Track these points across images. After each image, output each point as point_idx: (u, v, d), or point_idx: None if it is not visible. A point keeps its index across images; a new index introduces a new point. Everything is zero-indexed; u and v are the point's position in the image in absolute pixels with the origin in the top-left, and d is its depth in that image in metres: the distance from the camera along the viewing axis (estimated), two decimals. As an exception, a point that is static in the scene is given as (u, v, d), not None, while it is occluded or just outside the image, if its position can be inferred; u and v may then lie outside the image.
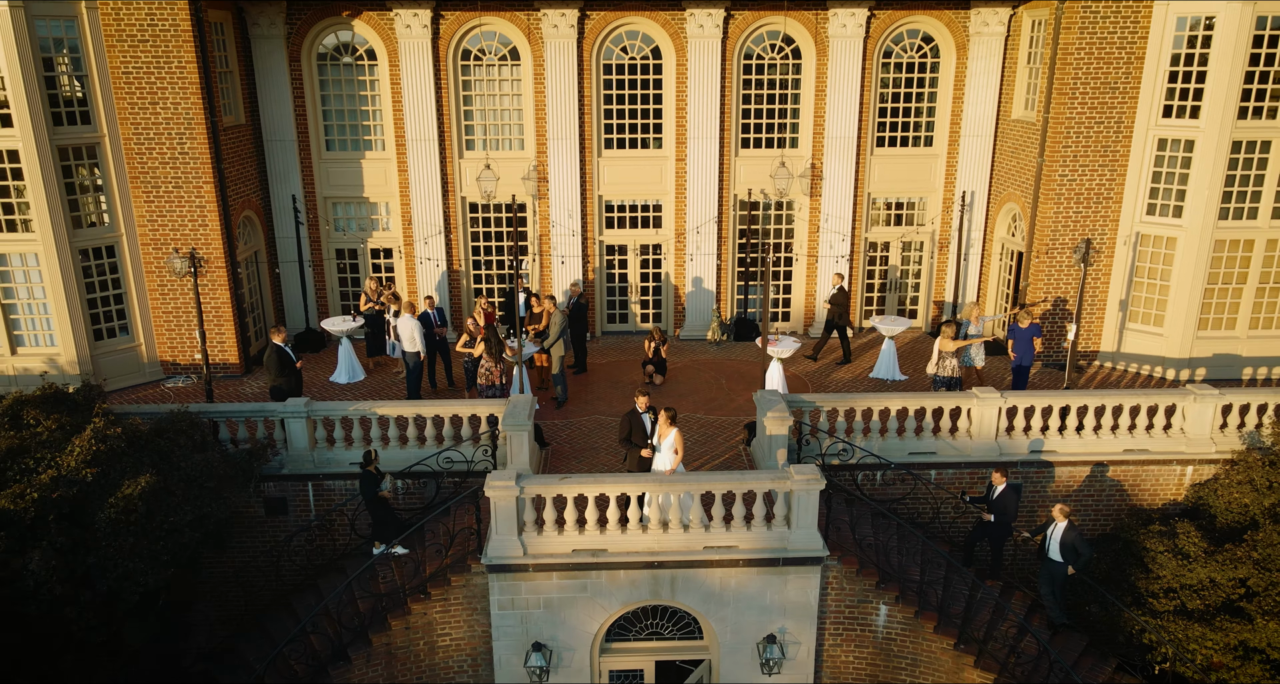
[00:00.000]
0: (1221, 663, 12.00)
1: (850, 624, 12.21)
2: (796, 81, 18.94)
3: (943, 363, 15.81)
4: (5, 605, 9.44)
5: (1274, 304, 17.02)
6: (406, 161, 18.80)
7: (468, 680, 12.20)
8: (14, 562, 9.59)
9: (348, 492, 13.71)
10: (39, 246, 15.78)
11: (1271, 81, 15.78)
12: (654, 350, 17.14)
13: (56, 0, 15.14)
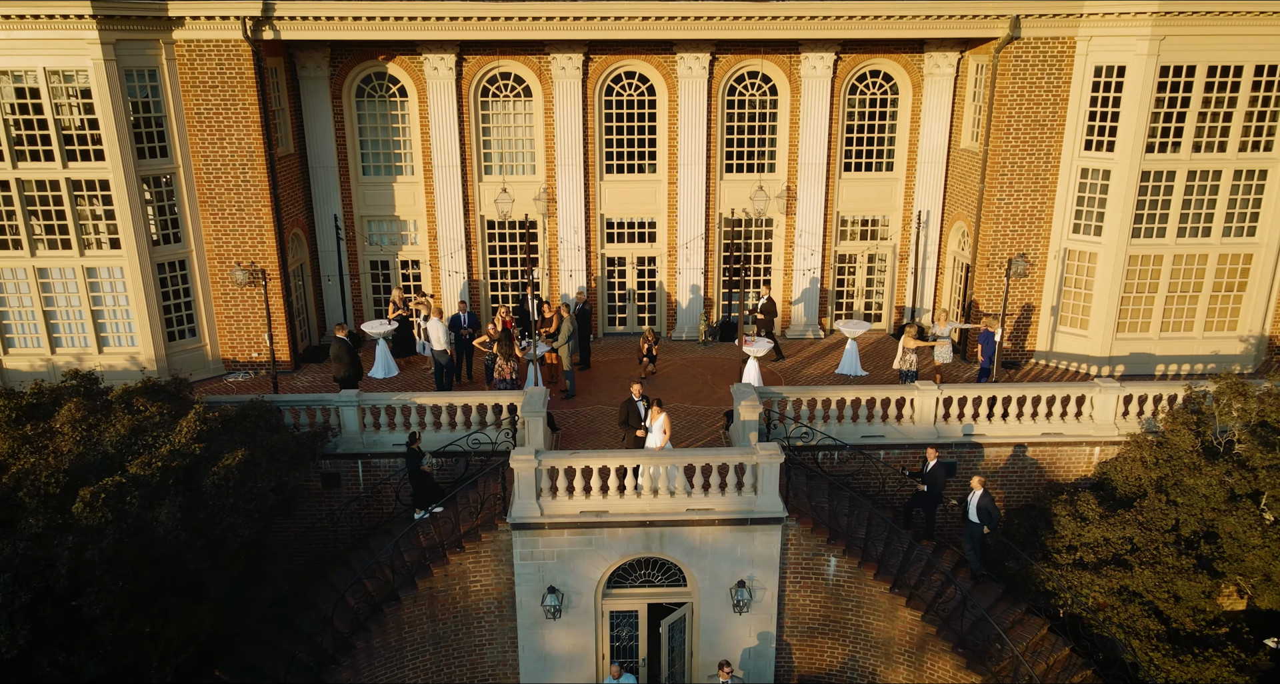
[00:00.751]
0: (1106, 603, 14.74)
1: (806, 573, 14.95)
2: (773, 115, 21.67)
3: (905, 358, 18.61)
4: (142, 548, 12.17)
5: (1180, 310, 19.75)
6: (433, 184, 21.54)
7: (494, 619, 14.95)
8: (146, 514, 12.32)
9: (391, 468, 16.44)
10: (124, 261, 18.53)
11: (1174, 121, 18.51)
12: (647, 350, 19.89)
13: (142, 54, 17.87)
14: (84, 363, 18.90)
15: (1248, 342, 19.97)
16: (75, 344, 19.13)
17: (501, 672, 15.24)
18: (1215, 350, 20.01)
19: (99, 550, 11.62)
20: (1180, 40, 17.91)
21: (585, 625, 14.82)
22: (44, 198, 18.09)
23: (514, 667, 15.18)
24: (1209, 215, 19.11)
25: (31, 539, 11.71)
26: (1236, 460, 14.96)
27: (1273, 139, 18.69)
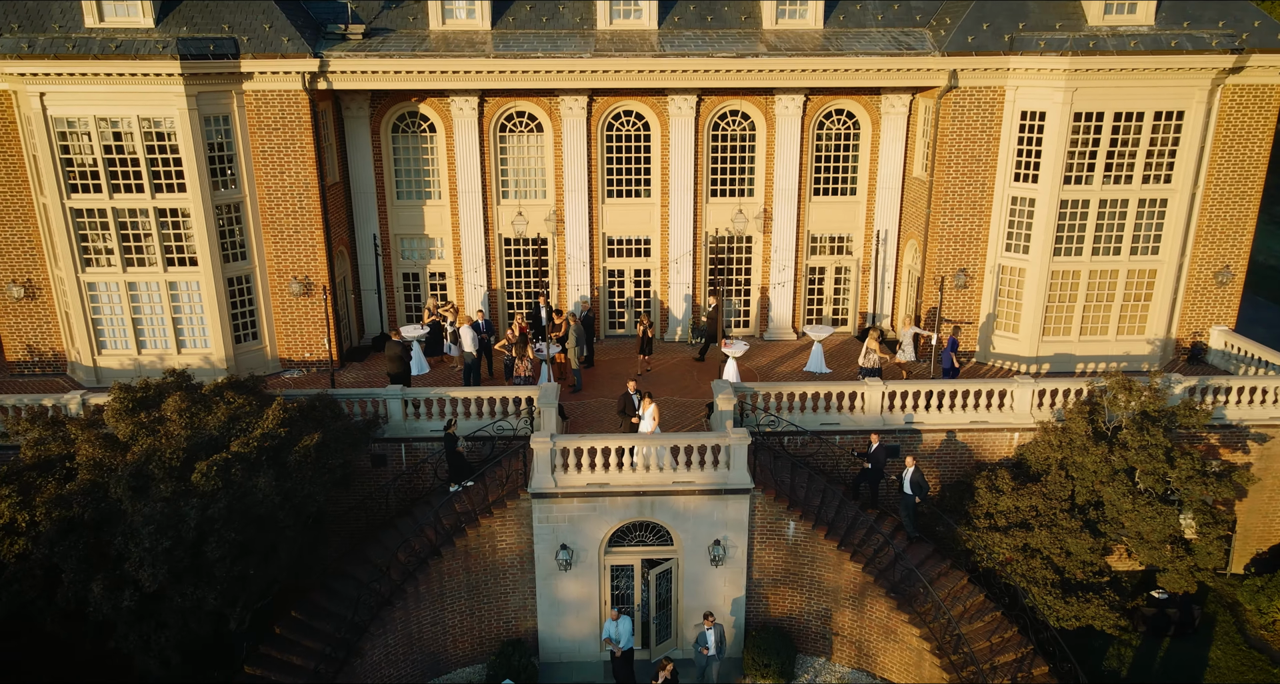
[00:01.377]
0: (1013, 558, 18.18)
1: (770, 534, 18.38)
2: (751, 147, 25.05)
3: (869, 357, 22.02)
4: (245, 509, 15.60)
5: (1097, 317, 23.16)
6: (458, 207, 24.93)
7: (516, 571, 18.39)
8: (248, 483, 15.74)
9: (429, 450, 19.86)
10: (200, 276, 21.95)
11: (1087, 157, 21.89)
12: (643, 332, 23.27)
13: (217, 103, 21.26)
14: (164, 362, 22.34)
15: (1154, 343, 23.39)
16: (157, 346, 22.57)
17: (522, 615, 18.69)
18: (1127, 351, 23.43)
19: (217, 509, 15.07)
20: (1090, 91, 21.29)
21: (590, 577, 18.26)
22: (134, 223, 21.51)
23: (533, 611, 18.63)
24: (1119, 237, 22.51)
25: (163, 501, 15.15)
26: (1119, 443, 18.37)
27: (1171, 172, 22.07)
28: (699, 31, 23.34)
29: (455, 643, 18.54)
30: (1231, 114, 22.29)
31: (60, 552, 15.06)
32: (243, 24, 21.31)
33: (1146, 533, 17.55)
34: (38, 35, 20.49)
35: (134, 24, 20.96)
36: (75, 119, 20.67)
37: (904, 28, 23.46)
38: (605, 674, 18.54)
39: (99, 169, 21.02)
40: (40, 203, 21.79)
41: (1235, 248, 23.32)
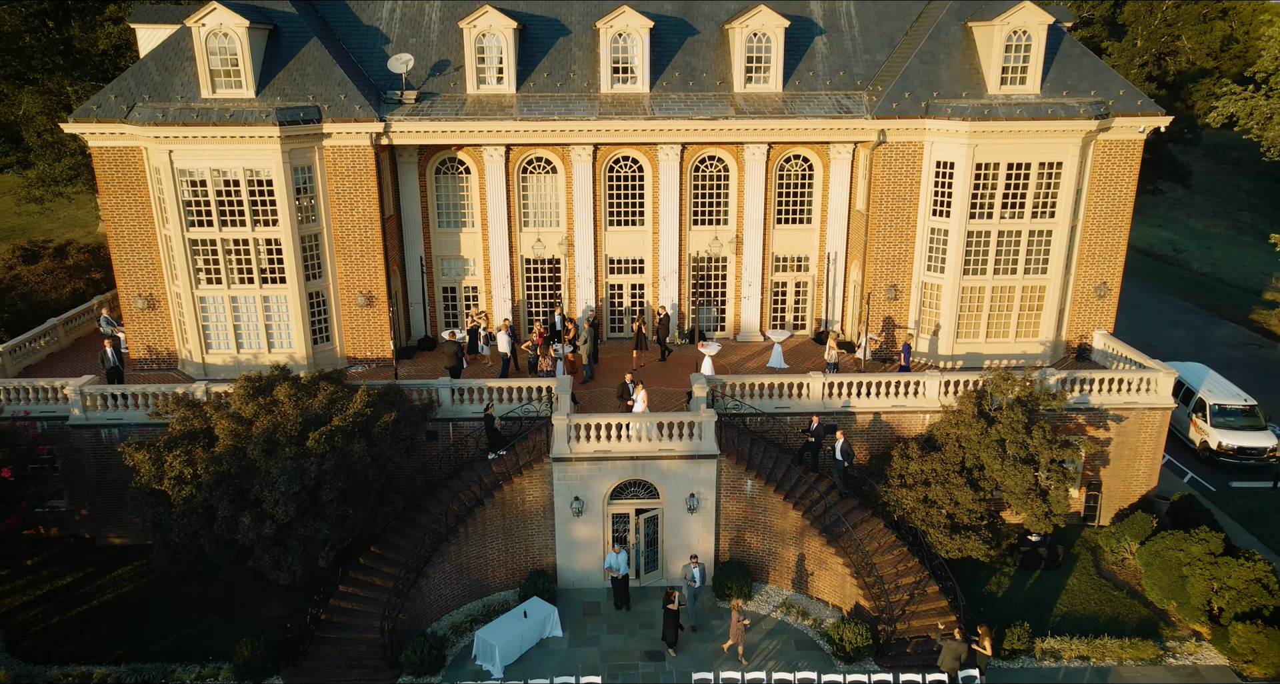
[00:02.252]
0: (915, 507, 24.04)
1: (732, 489, 24.21)
2: (725, 185, 30.87)
3: (829, 354, 27.87)
4: (346, 467, 21.45)
5: (999, 323, 28.99)
6: (488, 234, 30.77)
7: (540, 518, 24.23)
8: (347, 447, 21.58)
9: (471, 428, 25.67)
10: (288, 291, 27.79)
11: (987, 197, 27.70)
12: (637, 329, 29.11)
13: (303, 156, 27.12)
14: (258, 359, 28.19)
15: (1045, 344, 29.22)
16: (252, 347, 28.41)
17: (544, 551, 24.55)
18: (1024, 351, 29.27)
19: (328, 465, 20.95)
20: (987, 146, 27.12)
21: (596, 522, 24.12)
22: (239, 250, 27.37)
23: (552, 548, 24.48)
24: (1014, 260, 28.33)
25: (289, 459, 21.00)
26: (996, 421, 24.21)
27: (1054, 210, 27.87)
28: (683, 94, 29.20)
29: (494, 572, 24.43)
30: (1103, 162, 28.14)
31: (216, 496, 20.92)
32: (323, 94, 27.18)
33: (1012, 487, 23.40)
34: (168, 105, 26.34)
35: (240, 95, 26.84)
36: (195, 169, 26.52)
37: (847, 91, 29.32)
38: (606, 597, 24.40)
39: (211, 208, 26.87)
40: (163, 234, 27.64)
41: (1111, 267, 29.17)
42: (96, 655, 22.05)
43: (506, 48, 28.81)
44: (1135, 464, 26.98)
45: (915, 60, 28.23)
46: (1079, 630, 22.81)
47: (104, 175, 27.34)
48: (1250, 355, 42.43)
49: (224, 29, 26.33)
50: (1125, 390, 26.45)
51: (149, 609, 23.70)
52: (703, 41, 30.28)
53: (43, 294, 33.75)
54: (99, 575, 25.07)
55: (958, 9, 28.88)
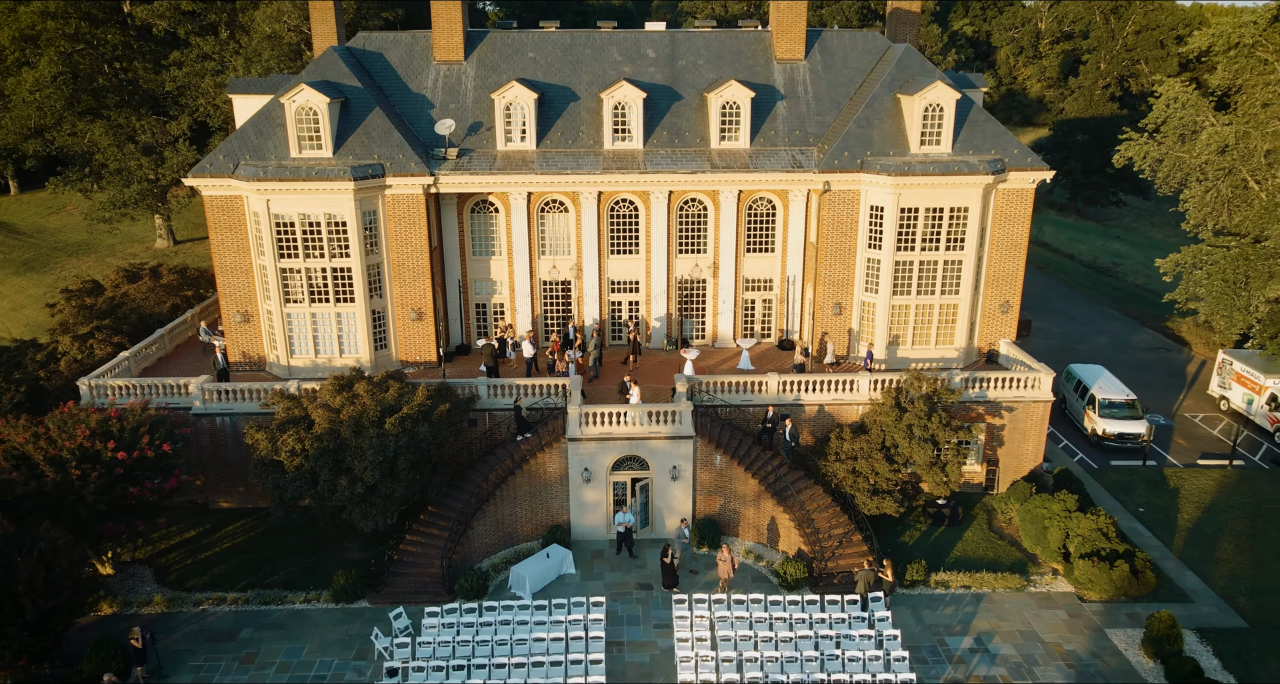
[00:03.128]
0: (846, 477, 31.35)
1: (706, 463, 31.51)
2: (705, 221, 38.13)
3: (796, 359, 35.17)
4: (414, 444, 28.73)
5: (921, 333, 36.24)
6: (512, 261, 38.02)
7: (557, 484, 31.51)
8: (414, 430, 28.88)
9: (503, 417, 32.96)
10: (356, 309, 35.09)
11: (910, 233, 34.94)
12: (633, 338, 36.42)
13: (370, 202, 34.41)
14: (331, 362, 35.48)
15: (960, 350, 36.47)
16: (327, 352, 35.68)
17: (561, 511, 31.83)
18: (942, 356, 36.53)
19: (402, 442, 28.25)
20: (909, 194, 34.38)
21: (601, 488, 31.41)
22: (318, 276, 34.62)
23: (567, 508, 31.75)
24: (932, 283, 35.58)
25: (373, 438, 28.28)
26: (907, 410, 31.46)
27: (964, 244, 35.10)
28: (670, 150, 36.51)
29: (521, 526, 31.73)
30: (1002, 206, 35.43)
31: (319, 465, 28.21)
32: (385, 153, 34.49)
33: (918, 461, 30.67)
34: (265, 163, 33.66)
35: (320, 155, 34.17)
36: (285, 213, 33.83)
37: (801, 147, 36.62)
38: (609, 546, 31.66)
39: (297, 243, 34.17)
40: (259, 264, 34.93)
41: (1011, 289, 36.44)
42: (225, 586, 29.37)
43: (528, 113, 36.11)
44: (1025, 445, 34.28)
45: (854, 124, 35.52)
46: (967, 568, 30.08)
47: (213, 217, 34.68)
48: (1158, 358, 49.70)
49: (309, 104, 33.66)
50: (1016, 387, 33.74)
51: (258, 554, 31.04)
52: (686, 105, 37.58)
53: (147, 309, 41.01)
54: (215, 530, 32.43)
55: (889, 82, 36.16)
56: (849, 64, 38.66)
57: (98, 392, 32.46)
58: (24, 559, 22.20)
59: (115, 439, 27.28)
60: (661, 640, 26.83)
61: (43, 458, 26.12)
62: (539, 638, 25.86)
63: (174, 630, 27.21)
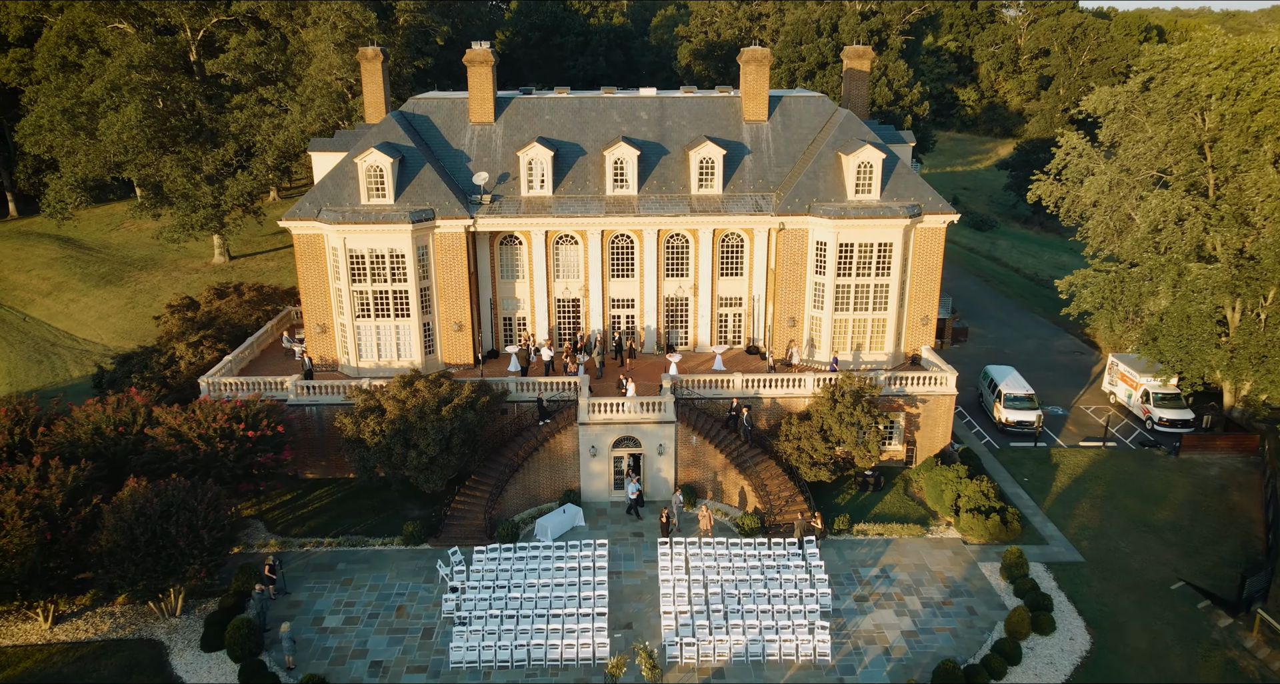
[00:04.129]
0: (793, 452, 40.80)
1: (684, 442, 41.02)
2: (687, 252, 47.61)
3: (768, 361, 44.68)
4: (464, 427, 38.21)
5: (859, 341, 45.73)
6: (533, 283, 47.53)
7: (571, 458, 41.02)
8: (464, 417, 38.37)
9: (529, 407, 42.48)
10: (411, 322, 44.62)
11: (847, 262, 44.38)
12: (629, 346, 45.97)
13: (423, 238, 43.92)
14: (390, 365, 44.99)
15: (889, 355, 45.95)
16: (387, 356, 45.18)
17: (573, 479, 41.33)
18: (876, 359, 46.01)
19: (455, 426, 37.78)
20: (845, 232, 43.83)
21: (605, 461, 40.95)
22: (383, 296, 44.10)
23: (578, 477, 41.26)
24: (866, 302, 45.03)
25: (433, 423, 37.76)
26: (839, 401, 40.92)
27: (890, 270, 44.55)
28: (658, 195, 46.00)
29: (543, 490, 41.23)
30: (920, 241, 44.90)
31: (392, 442, 37.70)
32: (434, 200, 43.98)
33: (847, 439, 40.14)
34: (342, 209, 43.16)
35: (384, 202, 43.67)
36: (357, 248, 43.31)
37: (763, 193, 46.10)
38: (610, 506, 41.12)
39: (366, 271, 43.64)
40: (335, 286, 44.40)
41: (929, 306, 45.90)
42: (320, 533, 38.87)
43: (546, 167, 45.61)
44: (936, 429, 43.78)
45: (804, 176, 45.01)
46: (882, 521, 39.55)
47: (300, 251, 44.22)
48: (1071, 360, 59.17)
49: (376, 163, 43.18)
50: (928, 384, 43.24)
51: (342, 511, 40.57)
52: (672, 159, 47.08)
53: (236, 320, 50.48)
54: (306, 494, 41.96)
55: (833, 142, 45.62)
56: (803, 124, 48.17)
57: (214, 387, 42.00)
58: (200, 504, 31.71)
59: (244, 422, 36.82)
60: (649, 571, 36.35)
61: (196, 435, 35.64)
62: (559, 568, 35.41)
63: (287, 564, 36.74)
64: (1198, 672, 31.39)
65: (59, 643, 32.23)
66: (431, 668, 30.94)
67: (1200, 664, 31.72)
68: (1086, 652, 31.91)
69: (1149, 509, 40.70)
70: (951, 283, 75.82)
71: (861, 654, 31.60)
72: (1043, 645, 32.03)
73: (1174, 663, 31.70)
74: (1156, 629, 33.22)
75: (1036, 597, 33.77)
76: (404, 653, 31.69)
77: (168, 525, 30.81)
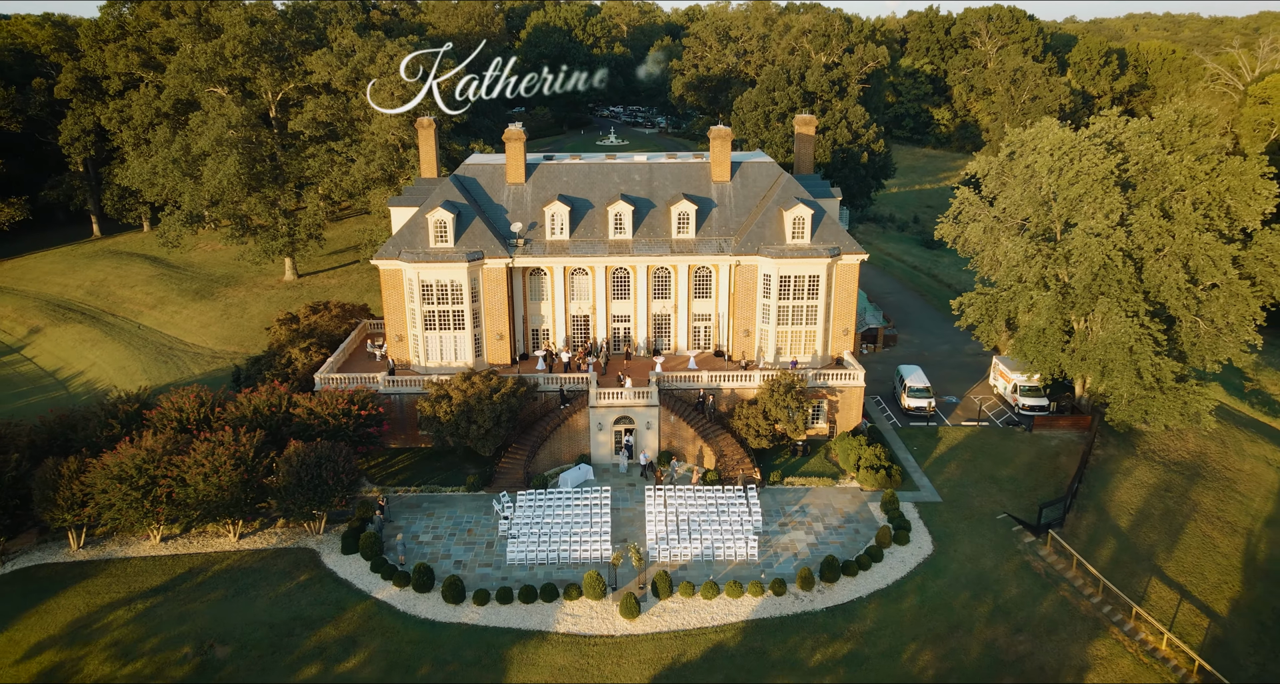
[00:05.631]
0: (742, 426, 56.98)
1: (665, 419, 57.12)
2: (669, 280, 63.69)
3: (742, 363, 60.84)
4: (509, 408, 54.27)
5: (795, 347, 61.81)
6: (554, 303, 63.62)
7: (583, 431, 57.11)
8: (508, 402, 54.46)
9: (552, 395, 58.58)
10: (465, 333, 60.75)
11: (786, 290, 60.41)
12: (626, 351, 62.06)
13: (475, 273, 60.05)
14: (450, 365, 61.11)
15: (818, 357, 62.01)
16: (447, 358, 61.29)
17: (586, 447, 57.41)
18: (809, 360, 62.05)
19: (504, 408, 53.90)
20: (784, 266, 59.88)
21: (609, 434, 57.09)
22: (444, 315, 60.22)
23: (589, 446, 57.36)
24: (800, 318, 61.03)
25: (489, 407, 53.85)
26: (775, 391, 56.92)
27: (817, 295, 60.58)
28: (647, 239, 62.11)
29: (563, 455, 57.39)
30: (840, 273, 60.96)
31: (459, 420, 53.79)
32: (483, 244, 60.10)
33: (782, 418, 56.19)
34: (416, 250, 59.30)
35: (446, 246, 59.79)
36: (427, 279, 59.42)
37: (725, 238, 62.17)
38: (613, 468, 57.21)
39: (433, 296, 59.75)
40: (409, 307, 60.51)
41: (848, 321, 61.97)
42: (407, 484, 55.04)
43: (564, 218, 61.70)
44: (850, 412, 59.91)
45: (755, 225, 61.06)
46: (806, 476, 55.63)
47: (384, 281, 60.40)
48: (974, 361, 75.16)
49: (441, 218, 59.31)
50: (845, 379, 59.36)
51: (420, 470, 56.74)
52: (658, 211, 63.14)
53: (329, 330, 66.59)
54: (392, 458, 58.15)
55: (777, 200, 61.64)
56: (757, 183, 64.24)
57: (326, 380, 58.14)
58: (339, 457, 47.84)
59: (356, 404, 52.97)
60: (639, 507, 52.48)
61: (327, 414, 51.79)
62: (576, 505, 51.55)
63: (387, 503, 52.89)
64: (1000, 568, 47.53)
65: (245, 550, 48.43)
66: (495, 564, 47.13)
67: (1003, 563, 47.87)
68: (928, 555, 48.07)
69: (998, 468, 56.84)
70: (893, 297, 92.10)
71: (778, 556, 47.76)
72: (899, 551, 48.21)
73: (985, 562, 47.86)
74: (979, 543, 49.37)
75: (901, 522, 49.90)
76: (475, 556, 47.87)
77: (320, 470, 46.97)
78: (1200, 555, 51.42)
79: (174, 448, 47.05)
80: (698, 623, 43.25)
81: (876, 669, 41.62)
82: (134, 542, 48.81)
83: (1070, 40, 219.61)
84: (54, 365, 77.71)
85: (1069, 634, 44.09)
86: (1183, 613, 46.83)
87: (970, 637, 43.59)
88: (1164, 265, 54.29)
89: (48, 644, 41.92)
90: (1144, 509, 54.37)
